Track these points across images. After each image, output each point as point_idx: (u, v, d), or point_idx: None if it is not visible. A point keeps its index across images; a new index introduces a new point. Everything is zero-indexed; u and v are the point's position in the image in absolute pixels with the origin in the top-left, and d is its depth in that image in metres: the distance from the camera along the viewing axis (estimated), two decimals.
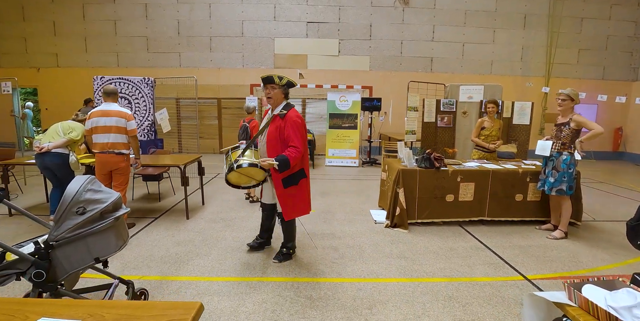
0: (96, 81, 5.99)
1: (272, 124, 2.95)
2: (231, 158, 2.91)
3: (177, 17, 9.92)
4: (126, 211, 2.21)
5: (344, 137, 8.65)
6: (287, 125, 2.87)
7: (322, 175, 7.57)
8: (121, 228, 2.16)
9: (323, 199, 5.53)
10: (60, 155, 4.04)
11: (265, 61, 10.05)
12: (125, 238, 2.21)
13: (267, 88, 2.95)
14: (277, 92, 2.94)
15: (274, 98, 2.97)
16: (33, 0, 10.12)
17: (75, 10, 10.07)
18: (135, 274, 3.06)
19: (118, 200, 2.15)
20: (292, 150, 2.83)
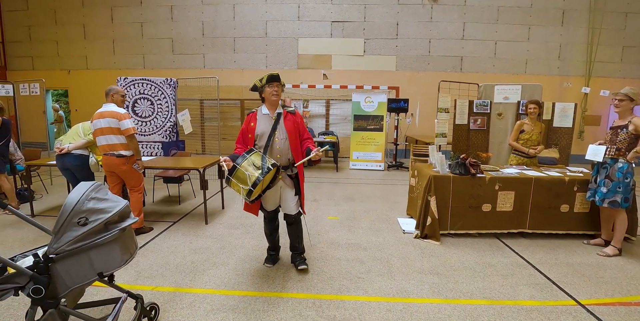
0: (120, 82, 5.99)
1: (288, 121, 2.89)
2: (251, 164, 2.65)
3: (202, 19, 9.93)
4: (134, 221, 2.03)
5: (369, 140, 8.35)
6: (300, 119, 3.00)
7: (345, 178, 7.30)
8: (128, 240, 1.99)
9: (347, 205, 5.26)
10: (80, 156, 3.98)
11: (288, 62, 9.90)
12: (132, 251, 2.03)
13: (275, 85, 2.85)
14: (280, 90, 2.91)
15: (279, 96, 2.89)
16: (65, 5, 10.41)
17: (103, 13, 10.28)
18: (148, 284, 2.90)
19: (125, 209, 1.97)
20: (311, 140, 2.99)
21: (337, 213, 4.83)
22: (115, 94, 3.72)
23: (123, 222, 1.95)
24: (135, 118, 6.09)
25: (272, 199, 3.00)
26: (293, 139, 2.86)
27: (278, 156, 2.83)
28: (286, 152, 2.85)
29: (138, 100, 6.07)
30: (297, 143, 2.90)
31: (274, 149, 2.84)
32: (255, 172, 2.51)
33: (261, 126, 2.85)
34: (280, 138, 2.84)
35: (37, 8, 10.56)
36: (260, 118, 2.89)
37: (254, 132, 2.85)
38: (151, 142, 6.18)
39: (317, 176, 7.48)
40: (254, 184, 2.49)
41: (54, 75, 10.77)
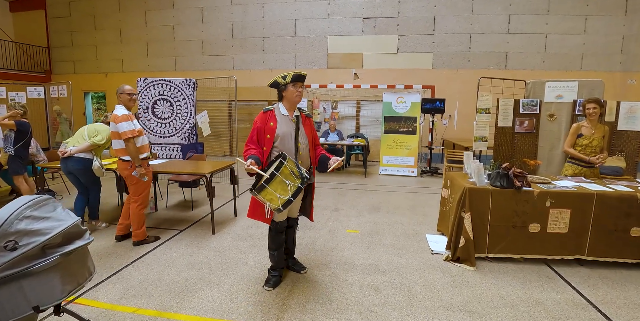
0: (139, 83, 5.90)
1: (306, 126, 2.72)
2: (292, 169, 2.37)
3: (231, 19, 9.82)
4: (86, 242, 1.69)
5: (401, 143, 7.74)
6: (313, 124, 2.86)
7: (374, 185, 6.76)
8: (75, 266, 1.64)
9: (370, 216, 4.74)
10: (83, 160, 3.81)
11: (318, 61, 9.52)
12: (83, 279, 1.69)
13: (299, 86, 2.62)
14: (302, 91, 2.69)
15: (302, 97, 2.68)
16: (103, 11, 10.74)
17: (138, 17, 10.47)
18: (132, 304, 2.59)
19: (73, 229, 1.63)
20: (321, 148, 2.86)
21: (357, 226, 4.33)
22: (122, 94, 3.49)
23: (69, 244, 1.61)
24: (154, 120, 5.96)
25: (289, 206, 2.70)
26: (311, 145, 2.74)
27: (300, 162, 2.61)
28: (306, 158, 2.70)
29: (157, 101, 5.95)
30: (313, 149, 2.78)
31: (297, 154, 2.63)
32: (296, 180, 2.36)
33: (282, 127, 2.59)
34: (303, 144, 2.66)
35: (78, 14, 10.99)
36: (280, 118, 2.62)
37: (273, 133, 2.56)
38: (170, 144, 6.03)
39: (343, 182, 7.00)
40: (295, 194, 2.34)
41: (93, 78, 11.16)
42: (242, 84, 10.10)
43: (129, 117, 3.40)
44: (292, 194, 2.31)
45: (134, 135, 3.36)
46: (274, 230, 2.76)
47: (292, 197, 2.31)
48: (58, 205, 1.68)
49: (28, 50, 11.28)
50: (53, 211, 1.62)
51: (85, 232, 1.75)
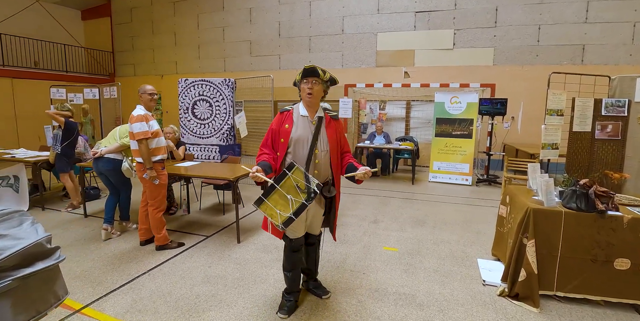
0: (180, 84, 5.90)
1: (330, 129, 2.33)
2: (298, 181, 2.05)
3: (278, 19, 9.69)
4: (52, 263, 1.45)
5: (455, 148, 7.01)
6: (340, 127, 2.43)
7: (421, 193, 6.14)
8: (34, 292, 1.40)
9: (413, 231, 4.20)
10: (113, 160, 3.76)
11: (366, 59, 9.03)
12: (43, 308, 1.44)
13: (309, 82, 2.20)
14: (319, 88, 2.25)
15: (314, 95, 2.23)
16: (160, 15, 11.22)
17: (191, 20, 10.78)
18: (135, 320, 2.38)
19: (35, 249, 1.40)
20: (350, 155, 2.45)
21: (397, 243, 3.82)
22: (143, 94, 3.37)
23: (28, 267, 1.37)
24: (194, 121, 5.93)
25: (298, 223, 2.28)
26: (334, 152, 2.32)
27: (316, 172, 2.27)
28: (326, 168, 2.31)
29: (197, 102, 5.91)
30: (338, 157, 2.38)
31: (312, 162, 2.25)
32: (300, 195, 2.00)
33: (298, 131, 2.25)
34: (322, 151, 2.27)
35: (138, 20, 11.61)
36: (297, 120, 2.28)
37: (288, 136, 2.23)
38: (208, 145, 5.97)
39: (387, 189, 6.47)
40: (297, 212, 1.97)
41: (150, 80, 11.71)
42: (288, 84, 9.93)
43: (145, 118, 3.26)
44: (294, 211, 1.95)
45: (146, 136, 3.21)
46: (288, 248, 2.41)
47: (293, 214, 1.96)
48: (27, 219, 1.47)
49: (95, 55, 12.17)
50: (16, 226, 1.40)
51: (54, 252, 1.52)
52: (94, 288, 2.89)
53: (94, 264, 3.33)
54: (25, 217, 1.47)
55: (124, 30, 11.93)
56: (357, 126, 9.21)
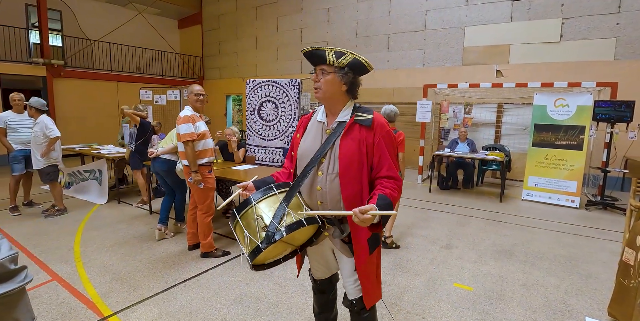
0: (248, 85, 5.82)
1: (350, 141, 1.51)
2: (260, 215, 1.42)
3: (356, 17, 9.25)
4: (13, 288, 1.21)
5: (558, 161, 5.76)
6: (381, 138, 1.51)
7: (511, 215, 5.11)
8: None
9: (496, 264, 3.37)
10: (168, 161, 3.71)
11: (451, 57, 8.08)
12: None
13: (316, 72, 1.54)
14: (331, 80, 1.50)
15: (323, 90, 1.52)
16: (244, 20, 11.64)
17: (271, 23, 10.95)
18: None
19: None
20: (392, 184, 1.49)
21: (472, 279, 3.07)
22: (190, 95, 3.22)
23: None
24: (260, 122, 5.80)
25: (319, 262, 1.77)
26: (349, 176, 1.50)
27: (319, 203, 1.57)
28: (333, 198, 1.54)
29: (264, 103, 5.76)
30: (358, 184, 1.51)
31: (313, 189, 1.58)
32: (257, 234, 1.40)
33: (307, 142, 1.62)
34: (327, 173, 1.53)
35: (225, 26, 12.23)
36: (311, 127, 1.66)
37: (296, 149, 1.66)
38: (273, 148, 5.78)
39: (468, 205, 5.55)
40: (252, 254, 1.38)
41: (233, 82, 12.26)
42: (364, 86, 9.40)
43: (191, 119, 3.08)
44: (250, 253, 1.39)
45: (192, 138, 3.02)
46: (313, 288, 1.90)
47: (248, 256, 1.40)
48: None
49: (187, 60, 13.17)
50: None
51: (19, 272, 1.27)
52: (129, 293, 2.77)
53: (139, 265, 3.27)
54: None
55: (212, 36, 12.69)
56: (438, 131, 8.30)
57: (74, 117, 10.02)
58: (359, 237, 1.53)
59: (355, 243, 1.54)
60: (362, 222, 1.29)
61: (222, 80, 12.66)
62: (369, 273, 1.61)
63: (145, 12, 12.09)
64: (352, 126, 1.53)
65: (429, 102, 6.95)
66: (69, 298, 2.70)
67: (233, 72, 12.26)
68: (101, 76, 10.64)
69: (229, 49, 12.27)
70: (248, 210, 1.44)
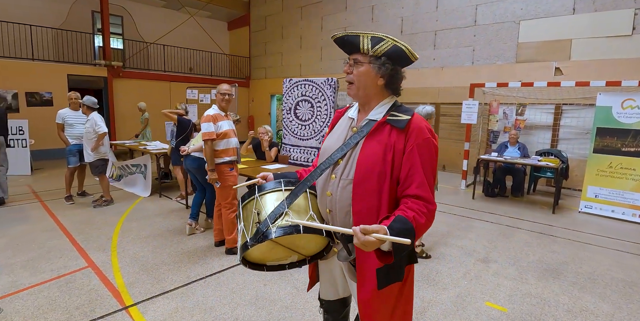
0: (285, 84, 5.82)
1: (375, 144, 1.27)
2: (259, 209, 1.32)
3: (401, 14, 8.93)
4: None
5: (624, 170, 5.10)
6: (415, 147, 1.22)
7: (564, 229, 4.60)
8: None
9: (539, 284, 3.02)
10: (198, 159, 3.78)
11: (503, 54, 7.50)
12: None
13: (349, 62, 1.30)
14: (365, 72, 1.26)
15: (356, 84, 1.29)
16: (289, 20, 11.76)
17: (315, 23, 10.95)
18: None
19: None
20: (420, 206, 1.18)
21: (508, 299, 2.77)
22: (217, 94, 3.26)
23: None
24: (296, 122, 5.78)
25: (328, 281, 1.56)
26: (365, 186, 1.25)
27: (328, 211, 1.36)
28: (342, 209, 1.31)
29: (300, 102, 5.73)
30: (373, 198, 1.24)
31: (323, 193, 1.37)
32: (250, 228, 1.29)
33: (332, 138, 1.42)
34: (341, 178, 1.31)
35: (271, 26, 12.46)
36: (340, 122, 1.46)
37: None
38: (308, 148, 5.73)
39: (515, 215, 5.10)
40: (241, 249, 1.27)
41: (278, 82, 12.41)
42: (408, 85, 9.05)
43: (214, 118, 3.11)
44: (241, 246, 1.26)
45: (211, 137, 3.06)
46: (321, 307, 1.68)
47: (239, 249, 1.28)
48: None
49: (235, 61, 13.61)
50: None
51: None
52: (152, 285, 2.85)
53: (166, 258, 3.37)
54: None
55: (259, 37, 12.98)
56: (487, 134, 7.77)
57: (130, 114, 10.73)
58: (366, 263, 1.25)
59: (359, 269, 1.28)
60: (363, 246, 1.03)
61: (268, 80, 12.91)
62: (375, 312, 1.29)
63: (197, 15, 12.68)
64: (381, 126, 1.27)
65: (475, 103, 6.50)
66: (98, 286, 2.84)
67: (278, 72, 12.44)
68: (155, 76, 11.32)
69: (274, 49, 12.48)
70: (250, 201, 1.35)
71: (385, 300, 1.30)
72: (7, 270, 3.06)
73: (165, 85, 11.54)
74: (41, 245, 3.64)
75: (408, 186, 1.20)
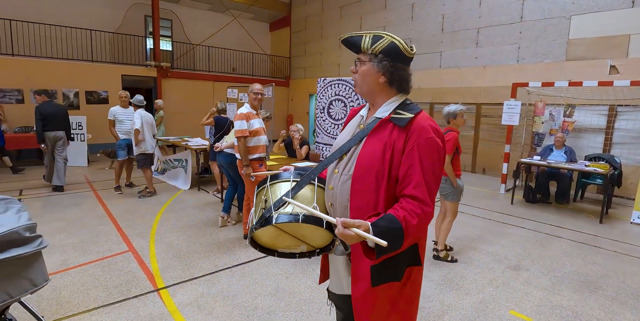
0: (319, 84, 5.88)
1: (375, 141, 1.28)
2: (268, 197, 1.41)
3: (443, 12, 8.68)
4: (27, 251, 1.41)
5: None
6: (416, 146, 1.20)
7: (611, 239, 4.26)
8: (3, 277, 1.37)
9: (572, 296, 2.85)
10: (230, 155, 3.97)
11: (552, 51, 7.06)
12: (15, 293, 1.40)
13: (356, 62, 1.34)
14: (367, 70, 1.28)
15: (359, 83, 1.33)
16: (329, 20, 11.84)
17: (354, 22, 10.93)
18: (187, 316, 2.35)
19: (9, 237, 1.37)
20: (414, 206, 1.16)
21: (535, 309, 2.64)
22: (249, 93, 3.40)
23: (1, 252, 1.35)
24: (329, 121, 5.84)
25: (333, 274, 1.56)
26: (363, 183, 1.27)
27: (330, 204, 1.40)
28: (342, 203, 1.35)
29: (333, 101, 5.78)
30: (370, 195, 1.26)
31: (327, 187, 1.42)
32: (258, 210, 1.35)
33: (343, 134, 1.47)
34: (342, 173, 1.34)
35: (311, 27, 12.61)
36: (352, 121, 1.49)
37: None
38: None
39: (557, 222, 4.80)
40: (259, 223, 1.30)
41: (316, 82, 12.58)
42: (447, 84, 8.88)
43: (246, 116, 3.24)
44: (258, 221, 1.29)
45: (244, 134, 3.19)
46: (329, 299, 1.68)
47: (257, 224, 1.29)
48: (14, 207, 1.47)
49: (276, 61, 13.94)
50: (0, 213, 1.41)
51: (35, 240, 1.48)
52: (183, 271, 3.05)
53: (198, 247, 3.57)
54: (12, 205, 1.48)
55: (299, 37, 13.19)
56: (531, 136, 7.35)
57: (177, 112, 11.38)
58: (361, 259, 1.26)
59: (354, 265, 1.30)
60: (342, 236, 1.07)
61: (307, 80, 13.09)
62: (368, 310, 1.30)
63: (240, 17, 13.13)
64: (384, 124, 1.28)
65: (517, 103, 6.18)
66: (135, 269, 3.08)
67: (317, 72, 12.58)
68: (200, 76, 11.90)
69: (313, 49, 12.63)
70: (262, 189, 1.42)
71: (380, 299, 1.29)
72: (60, 250, 3.41)
73: (209, 84, 12.09)
74: (91, 229, 4.01)
75: (406, 186, 1.20)
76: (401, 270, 1.30)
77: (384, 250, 1.07)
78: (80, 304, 2.51)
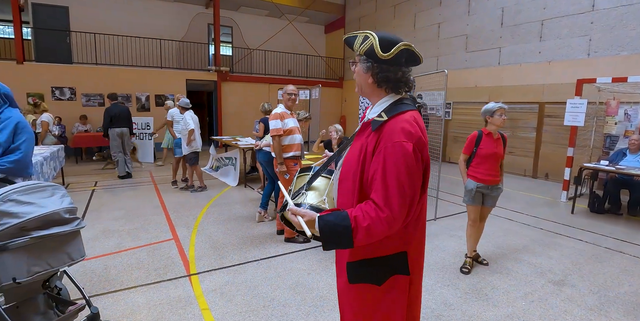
0: None
1: (357, 139, 1.31)
2: (292, 186, 1.54)
3: (502, 5, 8.10)
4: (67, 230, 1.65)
5: None
6: (383, 150, 1.16)
7: None
8: (47, 250, 1.62)
9: (621, 319, 2.54)
10: (268, 153, 4.15)
11: (630, 43, 6.23)
12: (55, 264, 1.65)
13: (350, 62, 1.37)
14: (357, 71, 1.29)
15: (357, 82, 1.33)
16: (382, 20, 11.70)
17: (408, 20, 10.66)
18: (210, 301, 2.54)
19: (52, 217, 1.63)
20: (370, 209, 1.14)
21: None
22: (284, 94, 3.54)
23: (45, 229, 1.61)
24: None
25: None
26: (345, 182, 1.29)
27: (332, 199, 1.46)
28: (334, 200, 1.41)
29: None
30: (350, 195, 1.27)
31: (333, 182, 1.45)
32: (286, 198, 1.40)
33: None
34: (338, 171, 1.41)
35: (365, 27, 12.55)
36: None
37: None
38: None
39: (622, 236, 4.26)
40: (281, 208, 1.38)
41: None
42: (507, 82, 8.30)
43: (281, 116, 3.38)
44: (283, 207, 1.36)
45: (278, 133, 3.34)
46: None
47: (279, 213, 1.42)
48: (59, 192, 1.72)
49: (330, 62, 14.11)
50: (46, 197, 1.66)
51: (73, 221, 1.72)
52: (215, 260, 3.28)
53: (233, 240, 3.81)
54: (58, 190, 1.73)
55: None
56: (602, 139, 6.58)
57: (235, 113, 12.09)
58: (341, 253, 1.33)
59: (337, 259, 1.37)
60: (290, 220, 1.26)
61: (349, 82, 13.07)
62: (346, 304, 1.34)
63: (295, 21, 13.52)
64: (367, 126, 1.27)
65: (582, 102, 5.58)
66: (175, 255, 3.39)
67: None
68: (257, 79, 12.49)
69: None
70: (298, 177, 1.54)
71: (360, 299, 1.30)
72: (116, 235, 3.87)
73: (265, 87, 12.64)
74: (146, 218, 4.47)
75: (372, 189, 1.18)
76: (383, 276, 1.26)
77: (327, 242, 1.14)
78: (123, 282, 2.84)
